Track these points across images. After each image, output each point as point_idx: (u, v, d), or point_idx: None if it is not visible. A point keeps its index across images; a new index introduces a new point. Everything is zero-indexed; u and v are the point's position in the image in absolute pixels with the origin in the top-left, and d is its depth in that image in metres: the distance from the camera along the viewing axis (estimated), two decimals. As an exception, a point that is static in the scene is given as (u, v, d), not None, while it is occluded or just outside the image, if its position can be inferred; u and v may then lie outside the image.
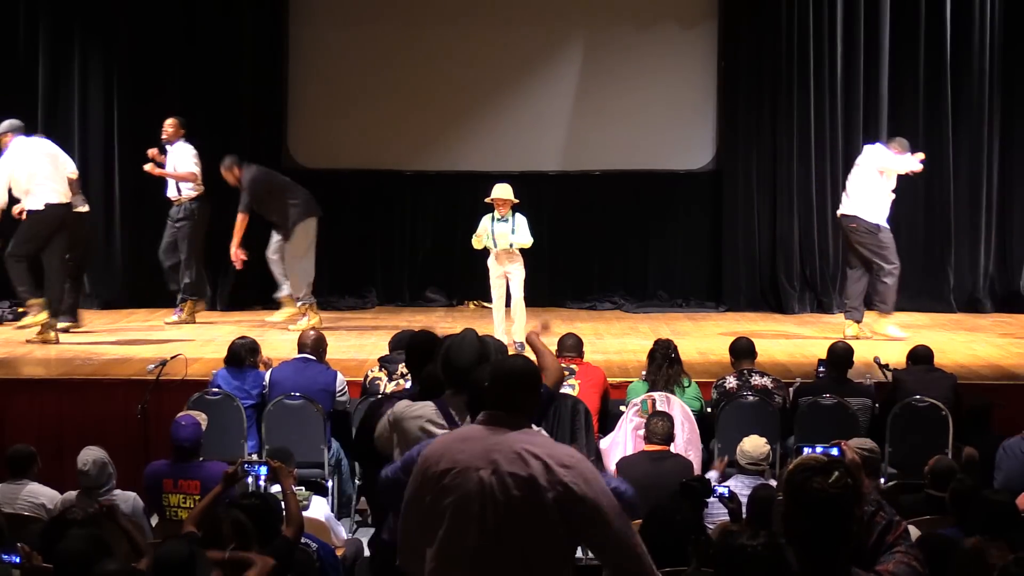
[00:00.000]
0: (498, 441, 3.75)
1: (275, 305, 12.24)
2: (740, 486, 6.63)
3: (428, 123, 13.66)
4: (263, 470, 6.01)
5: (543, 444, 3.79)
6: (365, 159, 13.70)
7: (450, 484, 3.75)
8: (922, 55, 13.23)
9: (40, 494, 6.83)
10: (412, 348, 5.73)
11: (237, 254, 11.53)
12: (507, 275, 10.50)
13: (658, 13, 13.57)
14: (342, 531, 7.25)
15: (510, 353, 6.43)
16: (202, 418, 7.31)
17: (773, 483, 6.68)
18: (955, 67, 13.21)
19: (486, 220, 10.47)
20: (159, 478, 6.94)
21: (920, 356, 8.77)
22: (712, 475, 7.38)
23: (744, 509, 6.01)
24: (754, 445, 6.98)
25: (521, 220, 10.44)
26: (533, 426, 3.95)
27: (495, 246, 10.45)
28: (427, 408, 5.02)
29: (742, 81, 13.39)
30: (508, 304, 10.55)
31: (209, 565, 5.09)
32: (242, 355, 8.55)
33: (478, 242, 10.53)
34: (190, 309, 11.96)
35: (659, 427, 7.31)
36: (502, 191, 10.41)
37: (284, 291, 11.89)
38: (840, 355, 8.61)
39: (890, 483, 7.78)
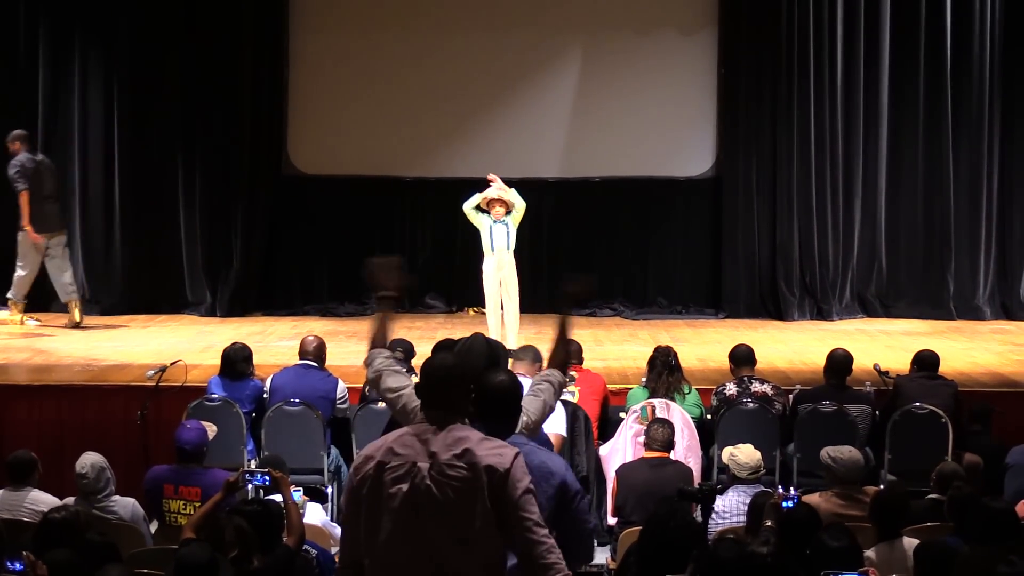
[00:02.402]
0: (434, 436, 4.00)
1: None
2: (740, 497, 6.58)
3: (428, 129, 13.67)
4: (265, 479, 6.02)
5: (475, 437, 4.01)
6: (365, 165, 13.71)
7: (390, 477, 3.98)
8: (922, 62, 13.25)
9: (42, 501, 6.80)
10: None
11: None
12: (502, 282, 10.51)
13: (658, 20, 13.59)
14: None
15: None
16: (211, 429, 7.29)
17: (770, 491, 6.66)
18: (955, 74, 13.22)
19: (486, 219, 10.48)
20: (160, 483, 6.92)
21: (924, 361, 8.72)
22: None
23: (745, 517, 6.01)
24: (748, 455, 6.89)
25: (510, 220, 10.47)
26: (466, 421, 4.12)
27: (493, 250, 10.48)
28: None
29: (742, 88, 13.39)
30: (503, 308, 10.56)
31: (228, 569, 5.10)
32: (236, 362, 8.52)
33: (473, 213, 10.53)
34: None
35: (659, 434, 7.30)
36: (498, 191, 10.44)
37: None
38: (839, 362, 8.59)
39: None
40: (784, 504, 5.78)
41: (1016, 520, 5.52)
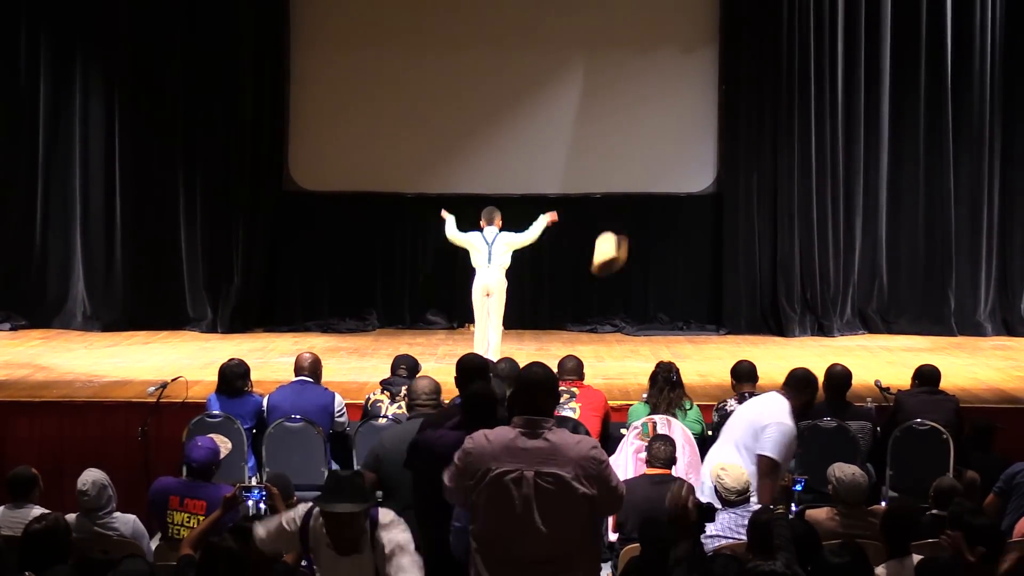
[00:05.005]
0: (534, 445, 4.60)
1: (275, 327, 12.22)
2: (733, 519, 6.49)
3: (429, 146, 13.70)
4: (262, 495, 6.02)
5: (570, 445, 4.63)
6: (366, 181, 13.73)
7: (496, 483, 4.59)
8: (923, 78, 13.29)
9: (45, 519, 6.79)
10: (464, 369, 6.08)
11: None
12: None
13: (659, 37, 13.62)
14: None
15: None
16: (225, 445, 7.28)
17: (770, 506, 6.59)
18: (955, 89, 13.26)
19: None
20: (166, 494, 6.89)
21: (926, 375, 8.69)
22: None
23: (734, 538, 5.98)
24: (735, 478, 6.71)
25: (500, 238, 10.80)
26: (553, 425, 4.71)
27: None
28: None
29: (743, 104, 13.42)
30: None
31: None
32: (233, 379, 8.50)
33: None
34: None
35: (661, 451, 7.25)
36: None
37: None
38: (837, 377, 8.57)
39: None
40: (794, 488, 5.78)
41: (997, 535, 5.48)
